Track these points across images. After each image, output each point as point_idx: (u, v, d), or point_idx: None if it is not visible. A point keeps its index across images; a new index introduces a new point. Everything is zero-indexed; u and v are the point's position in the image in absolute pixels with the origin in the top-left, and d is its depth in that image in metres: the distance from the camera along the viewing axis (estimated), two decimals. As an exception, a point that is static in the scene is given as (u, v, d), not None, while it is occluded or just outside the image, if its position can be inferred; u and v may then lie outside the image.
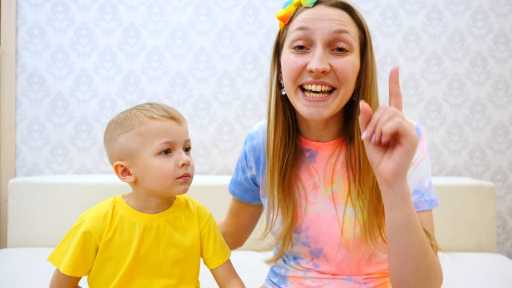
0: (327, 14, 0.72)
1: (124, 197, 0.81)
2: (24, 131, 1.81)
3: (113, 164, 0.78)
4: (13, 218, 1.59)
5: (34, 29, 1.81)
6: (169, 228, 0.79)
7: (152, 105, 0.78)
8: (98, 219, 0.76)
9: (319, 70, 0.70)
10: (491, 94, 1.83)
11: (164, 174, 0.75)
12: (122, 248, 0.76)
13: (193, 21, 1.83)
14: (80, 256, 0.74)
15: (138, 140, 0.75)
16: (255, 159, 0.89)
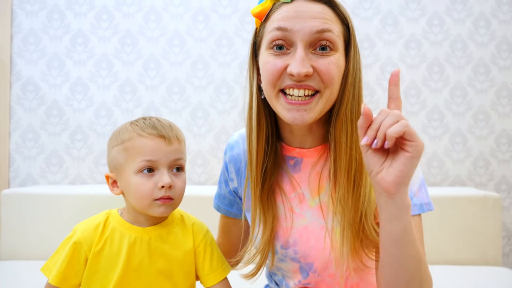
0: (308, 11, 0.65)
1: (119, 210, 0.80)
2: (18, 140, 1.78)
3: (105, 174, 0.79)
4: (5, 230, 1.56)
5: (29, 36, 1.78)
6: (161, 242, 0.76)
7: (145, 120, 0.77)
8: (89, 230, 0.75)
9: (301, 75, 0.64)
10: (494, 102, 1.80)
11: (141, 194, 0.73)
12: (112, 260, 0.74)
13: (190, 29, 1.80)
14: (69, 266, 0.73)
15: (124, 155, 0.74)
16: (236, 170, 0.83)
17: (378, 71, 1.80)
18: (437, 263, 1.52)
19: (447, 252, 1.53)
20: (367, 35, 1.80)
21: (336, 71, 0.67)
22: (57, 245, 1.43)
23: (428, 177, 1.79)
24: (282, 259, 0.78)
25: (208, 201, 1.53)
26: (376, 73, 1.80)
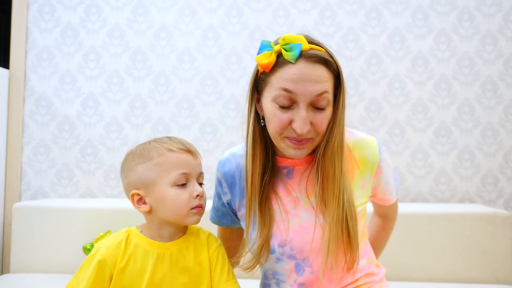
0: (310, 75, 0.75)
1: (138, 227, 0.83)
2: (30, 154, 1.81)
3: (129, 193, 0.81)
4: (16, 243, 1.57)
5: (43, 53, 1.83)
6: (181, 257, 0.80)
7: (170, 138, 0.82)
8: (112, 247, 0.78)
9: (304, 134, 0.77)
10: (502, 119, 1.80)
11: (180, 204, 0.77)
12: (136, 276, 0.77)
13: (200, 45, 1.83)
14: (95, 284, 0.76)
15: (156, 170, 0.78)
16: (229, 184, 0.92)
17: (385, 87, 1.81)
18: (447, 281, 1.51)
19: (457, 270, 1.51)
20: (374, 52, 1.82)
21: (326, 123, 0.80)
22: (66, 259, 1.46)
23: (436, 193, 1.78)
24: (279, 258, 0.85)
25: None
26: (384, 89, 1.81)
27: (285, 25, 1.83)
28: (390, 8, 1.83)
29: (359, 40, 1.83)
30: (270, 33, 1.82)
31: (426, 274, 1.52)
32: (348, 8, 1.83)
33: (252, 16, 1.83)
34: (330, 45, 0.83)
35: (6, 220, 1.76)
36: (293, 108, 0.77)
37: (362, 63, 1.82)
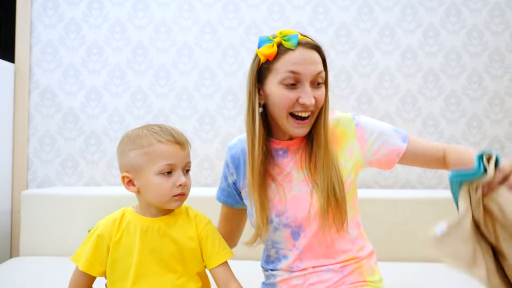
0: (309, 58, 0.90)
1: (133, 207, 0.92)
2: (36, 145, 1.89)
3: (121, 174, 0.89)
4: (25, 228, 1.66)
5: (47, 47, 1.90)
6: (169, 229, 0.88)
7: (162, 128, 0.88)
8: (108, 224, 0.88)
9: (312, 105, 0.90)
10: (487, 110, 1.89)
11: (162, 192, 0.85)
12: (128, 248, 0.86)
13: (198, 40, 1.91)
14: (94, 255, 0.86)
15: (144, 159, 0.85)
16: (235, 166, 1.04)
17: (376, 80, 1.90)
18: (431, 261, 1.60)
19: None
20: (366, 46, 1.90)
21: (323, 98, 0.94)
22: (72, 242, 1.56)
23: (423, 180, 1.88)
24: (276, 228, 0.96)
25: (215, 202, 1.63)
26: (374, 81, 1.90)
27: (280, 20, 1.91)
28: (380, 4, 1.91)
29: (351, 34, 1.91)
30: (266, 28, 1.90)
31: (412, 255, 1.62)
32: (340, 4, 1.91)
33: (248, 11, 1.91)
34: (323, 40, 0.97)
35: (14, 207, 1.85)
36: (298, 87, 0.90)
37: (353, 57, 1.90)
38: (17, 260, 1.58)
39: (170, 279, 0.86)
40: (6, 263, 1.54)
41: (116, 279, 0.87)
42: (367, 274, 0.96)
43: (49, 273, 1.42)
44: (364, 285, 0.94)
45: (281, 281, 0.97)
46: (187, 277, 0.88)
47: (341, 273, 0.94)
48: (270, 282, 1.00)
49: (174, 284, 0.86)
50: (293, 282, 0.95)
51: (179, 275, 0.87)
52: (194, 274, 0.90)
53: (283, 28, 1.89)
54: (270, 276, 1.00)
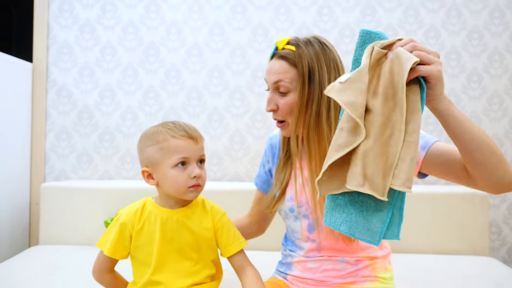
0: (272, 68, 0.98)
1: (153, 198, 0.99)
2: (53, 140, 1.98)
3: (141, 168, 0.96)
4: (44, 219, 1.75)
5: (63, 47, 1.99)
6: (187, 220, 0.96)
7: (175, 124, 0.95)
8: (131, 213, 0.95)
9: (268, 111, 0.99)
10: (486, 108, 1.95)
11: (178, 184, 0.92)
12: (149, 236, 0.93)
13: (207, 40, 1.99)
14: (118, 241, 0.93)
15: (160, 153, 0.92)
16: (272, 155, 1.13)
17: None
18: (430, 252, 1.68)
19: (439, 244, 1.69)
20: (368, 46, 1.97)
21: (290, 106, 0.97)
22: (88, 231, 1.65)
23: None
24: (296, 217, 1.03)
25: (223, 195, 1.72)
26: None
27: (286, 21, 1.98)
28: (383, 5, 1.98)
29: (355, 35, 1.98)
30: (272, 29, 1.98)
31: (411, 246, 1.69)
32: (344, 5, 1.98)
33: (255, 13, 1.98)
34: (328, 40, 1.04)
35: (32, 199, 1.95)
36: None
37: (357, 57, 1.97)
38: (37, 249, 1.68)
39: (186, 266, 0.93)
40: (27, 251, 1.64)
41: (139, 265, 0.94)
42: (379, 271, 1.00)
43: (67, 260, 1.52)
44: (374, 280, 0.98)
45: (297, 261, 1.04)
46: (202, 264, 0.95)
47: (355, 266, 0.98)
48: (287, 262, 1.07)
49: (191, 271, 0.94)
50: (308, 265, 1.01)
51: (195, 262, 0.94)
52: (209, 261, 0.97)
53: (289, 29, 1.97)
54: (287, 255, 1.07)
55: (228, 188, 1.76)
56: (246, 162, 1.98)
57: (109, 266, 0.97)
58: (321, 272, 1.00)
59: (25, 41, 2.18)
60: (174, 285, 0.92)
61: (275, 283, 1.05)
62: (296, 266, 1.04)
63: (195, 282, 0.94)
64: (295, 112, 0.96)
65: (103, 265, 0.96)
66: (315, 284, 1.00)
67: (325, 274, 0.99)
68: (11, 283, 1.28)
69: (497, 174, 0.77)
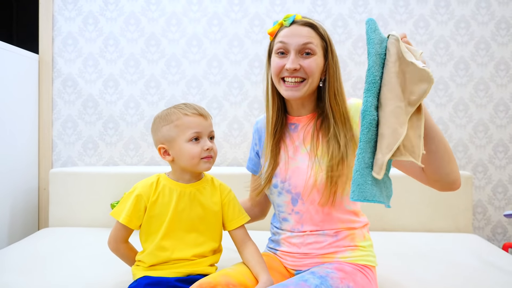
0: (297, 32, 1.05)
1: (166, 173, 1.09)
2: (59, 128, 2.07)
3: (157, 147, 1.06)
4: (53, 202, 1.85)
5: (68, 39, 2.07)
6: (198, 195, 1.06)
7: (186, 104, 1.05)
8: (147, 186, 1.04)
9: (291, 69, 1.04)
10: (472, 94, 2.04)
11: (193, 155, 1.01)
12: (164, 207, 1.03)
13: (206, 31, 2.07)
14: (134, 211, 1.02)
15: (175, 131, 1.02)
16: (258, 138, 1.23)
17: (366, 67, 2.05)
18: (417, 230, 1.78)
19: (426, 222, 1.79)
20: (361, 36, 2.05)
21: (315, 67, 1.05)
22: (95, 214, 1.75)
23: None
24: (280, 192, 1.11)
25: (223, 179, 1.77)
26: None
27: (282, 12, 2.06)
28: (375, -4, 2.06)
29: (347, 25, 2.06)
30: (268, 20, 2.06)
31: (399, 224, 1.80)
32: (337, -3, 2.06)
33: (252, 4, 2.06)
34: None
35: (40, 185, 2.04)
36: (286, 56, 1.06)
37: (349, 46, 2.06)
38: (48, 230, 1.78)
39: (193, 237, 1.03)
40: (38, 233, 1.73)
41: (150, 232, 1.03)
42: (358, 240, 1.08)
43: (75, 241, 1.61)
44: (355, 249, 1.06)
45: (284, 238, 1.13)
46: (207, 237, 1.05)
47: (335, 237, 1.07)
48: (276, 239, 1.16)
49: (196, 242, 1.03)
50: (293, 240, 1.10)
51: (201, 234, 1.04)
52: (214, 235, 1.06)
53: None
54: (276, 233, 1.17)
55: (228, 173, 1.86)
56: (244, 148, 2.08)
57: (124, 236, 1.05)
58: (305, 245, 1.08)
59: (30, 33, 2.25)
60: (179, 253, 1.02)
61: (269, 255, 1.15)
62: (283, 242, 1.13)
63: (199, 253, 1.03)
64: (316, 72, 1.06)
65: (118, 235, 1.05)
66: (301, 257, 1.09)
67: (308, 247, 1.08)
68: (23, 263, 1.36)
69: (445, 171, 0.91)
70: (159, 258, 1.02)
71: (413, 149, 0.80)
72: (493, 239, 2.07)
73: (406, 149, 0.80)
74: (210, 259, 1.06)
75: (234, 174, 1.86)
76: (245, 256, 1.06)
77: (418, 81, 0.80)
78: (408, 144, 0.80)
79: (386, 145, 0.79)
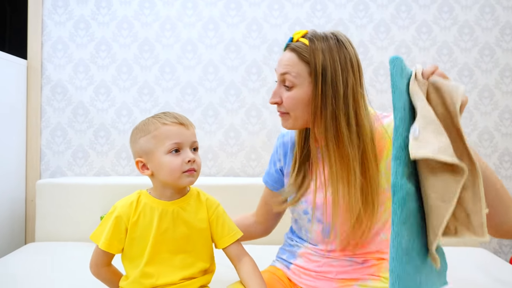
0: (282, 59, 0.95)
1: (147, 190, 0.99)
2: (48, 137, 1.98)
3: (135, 160, 0.96)
4: (40, 216, 1.76)
5: (58, 44, 1.99)
6: (182, 212, 0.96)
7: (165, 113, 0.95)
8: (126, 206, 0.94)
9: (271, 103, 0.96)
10: (477, 102, 1.98)
11: (173, 168, 0.91)
12: (145, 229, 0.93)
13: (202, 36, 2.00)
14: (113, 235, 0.93)
15: (153, 142, 0.92)
16: (284, 153, 1.08)
17: (371, 74, 1.99)
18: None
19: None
20: (362, 42, 1.99)
21: (294, 101, 0.93)
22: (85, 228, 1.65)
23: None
24: (310, 220, 1.00)
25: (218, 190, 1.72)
26: (370, 75, 1.99)
27: (280, 17, 1.99)
28: (376, 1, 2.00)
29: (348, 30, 2.00)
30: (266, 24, 1.99)
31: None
32: (337, 1, 2.00)
33: (249, 9, 2.00)
34: None
35: (28, 196, 1.95)
36: None
37: (350, 52, 1.99)
38: (33, 245, 1.68)
39: (180, 259, 0.94)
40: (23, 248, 1.64)
41: (132, 257, 0.94)
42: (384, 271, 0.97)
43: (64, 257, 1.52)
44: (377, 279, 0.96)
45: (302, 253, 1.02)
46: (195, 258, 0.95)
47: (362, 264, 0.97)
48: (292, 250, 1.05)
49: (183, 264, 0.94)
50: (314, 258, 1.00)
51: (189, 255, 0.95)
52: (203, 254, 0.97)
53: (283, 24, 1.98)
54: (294, 245, 1.06)
55: (223, 184, 1.78)
56: (241, 157, 2.00)
57: (105, 260, 0.97)
58: (327, 266, 0.99)
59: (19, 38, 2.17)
60: (166, 278, 0.92)
61: (274, 273, 1.04)
62: (301, 256, 1.03)
63: (188, 276, 0.94)
64: (300, 106, 0.93)
65: (99, 259, 0.96)
66: (318, 277, 0.99)
67: (330, 269, 0.99)
68: (8, 280, 1.28)
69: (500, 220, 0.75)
70: (144, 286, 0.93)
71: (469, 219, 0.63)
72: (500, 251, 2.00)
73: (460, 221, 0.63)
74: (200, 280, 0.96)
75: (230, 185, 1.78)
76: (241, 275, 0.97)
77: None
78: (460, 212, 0.63)
79: (435, 224, 0.64)
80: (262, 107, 1.99)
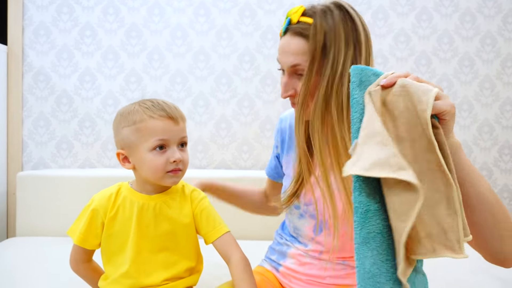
0: (287, 46, 0.81)
1: (129, 182, 0.91)
2: (30, 127, 1.89)
3: (116, 151, 0.88)
4: (21, 209, 1.67)
5: (40, 29, 1.89)
6: (165, 207, 0.88)
7: (153, 103, 0.86)
8: (104, 199, 0.87)
9: (285, 97, 0.85)
10: (477, 93, 1.91)
11: (155, 168, 0.83)
12: (124, 224, 0.86)
13: (192, 22, 1.90)
14: (89, 229, 0.86)
15: (137, 135, 0.83)
16: (281, 140, 1.01)
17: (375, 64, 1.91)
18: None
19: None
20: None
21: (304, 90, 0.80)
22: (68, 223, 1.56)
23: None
24: (302, 215, 0.92)
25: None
26: (367, 65, 1.91)
27: (274, 3, 1.90)
28: None
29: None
30: (260, 10, 1.90)
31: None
32: None
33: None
34: None
35: (9, 189, 1.86)
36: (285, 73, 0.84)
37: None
38: (14, 240, 1.60)
39: (162, 258, 0.86)
40: (3, 243, 1.56)
41: (111, 254, 0.87)
42: None
43: (46, 252, 1.45)
44: None
45: (293, 253, 0.95)
46: (180, 256, 0.88)
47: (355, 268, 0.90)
48: (282, 250, 0.98)
49: (167, 263, 0.87)
50: (305, 260, 0.93)
51: (172, 253, 0.87)
52: (188, 252, 0.90)
53: (277, 11, 1.89)
54: (283, 244, 0.98)
55: (214, 176, 1.70)
56: (232, 149, 1.92)
57: (84, 256, 0.90)
58: (319, 269, 0.91)
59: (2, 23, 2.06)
60: (147, 278, 0.85)
61: (263, 274, 0.97)
62: (291, 257, 0.96)
63: (172, 276, 0.86)
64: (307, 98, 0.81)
65: (77, 255, 0.89)
66: (310, 282, 0.91)
67: (322, 273, 0.91)
68: (-16, 277, 1.21)
69: (494, 250, 0.66)
70: (124, 286, 0.85)
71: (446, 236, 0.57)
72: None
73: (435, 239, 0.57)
74: (186, 281, 0.89)
75: (222, 177, 1.70)
76: (232, 277, 0.89)
77: None
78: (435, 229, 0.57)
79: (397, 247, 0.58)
80: (255, 97, 1.91)
